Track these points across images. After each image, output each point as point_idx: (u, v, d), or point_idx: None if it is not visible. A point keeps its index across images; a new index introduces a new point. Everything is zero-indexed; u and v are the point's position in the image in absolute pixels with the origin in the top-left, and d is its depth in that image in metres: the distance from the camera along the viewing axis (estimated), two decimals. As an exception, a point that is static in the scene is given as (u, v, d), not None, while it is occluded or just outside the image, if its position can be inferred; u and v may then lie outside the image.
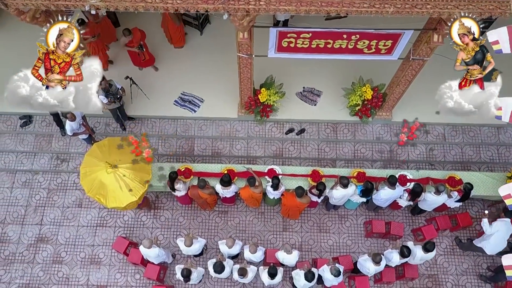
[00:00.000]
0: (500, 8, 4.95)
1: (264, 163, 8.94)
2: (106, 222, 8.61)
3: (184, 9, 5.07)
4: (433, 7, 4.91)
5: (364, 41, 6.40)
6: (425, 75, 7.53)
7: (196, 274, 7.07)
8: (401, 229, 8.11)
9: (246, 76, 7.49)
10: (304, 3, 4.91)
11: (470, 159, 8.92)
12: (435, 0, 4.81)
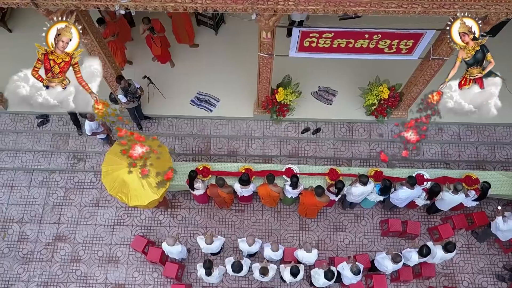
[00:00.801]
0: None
1: (279, 162, 8.99)
2: (123, 221, 8.65)
3: (213, 9, 5.11)
4: (461, 7, 4.94)
5: (386, 41, 6.44)
6: (443, 74, 7.55)
7: (218, 271, 7.11)
8: (417, 228, 8.15)
9: (265, 76, 7.53)
10: (333, 3, 4.95)
11: (485, 158, 8.96)
12: (463, 0, 4.85)
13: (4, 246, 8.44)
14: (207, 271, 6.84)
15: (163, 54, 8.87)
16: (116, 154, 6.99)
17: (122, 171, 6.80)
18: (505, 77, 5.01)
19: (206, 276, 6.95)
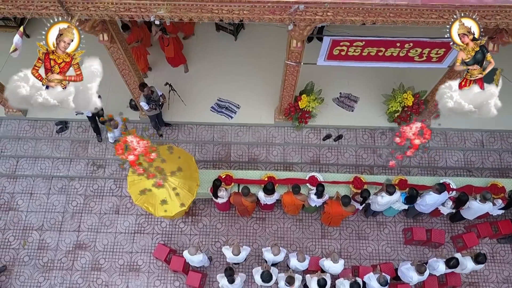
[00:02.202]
0: None
1: (300, 169, 8.91)
2: (143, 229, 8.58)
3: (249, 19, 5.04)
4: (503, 17, 4.86)
5: (417, 49, 6.36)
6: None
7: (240, 278, 7.04)
8: (442, 236, 8.06)
9: (290, 83, 7.45)
10: (372, 14, 4.87)
11: (509, 166, 8.87)
12: (506, 12, 4.77)
13: (24, 254, 8.37)
14: (229, 278, 6.77)
15: (176, 57, 8.79)
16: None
17: (148, 181, 6.74)
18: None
19: (228, 284, 6.88)
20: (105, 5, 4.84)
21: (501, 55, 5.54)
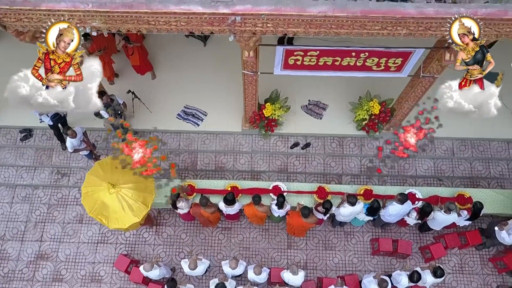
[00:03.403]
0: (517, 30, 4.78)
1: (268, 178, 8.77)
2: (107, 239, 8.44)
3: (188, 31, 4.90)
4: (448, 29, 4.71)
5: (373, 59, 6.22)
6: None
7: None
8: (409, 247, 7.92)
9: (251, 93, 7.31)
10: (314, 25, 4.73)
11: (479, 175, 8.73)
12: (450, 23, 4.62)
13: (-15, 264, 8.24)
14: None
15: (141, 65, 8.65)
16: (96, 174, 6.80)
17: (102, 193, 6.62)
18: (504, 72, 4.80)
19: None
20: (38, 17, 4.70)
21: (502, 56, 5.35)
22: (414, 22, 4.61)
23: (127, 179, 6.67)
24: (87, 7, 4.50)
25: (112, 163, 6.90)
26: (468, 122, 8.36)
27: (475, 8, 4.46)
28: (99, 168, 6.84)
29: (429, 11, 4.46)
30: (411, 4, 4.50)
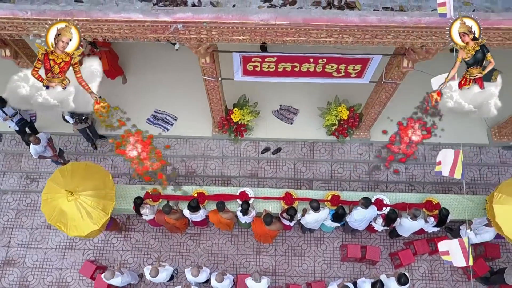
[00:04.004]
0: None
1: (239, 183, 8.70)
2: (75, 245, 8.37)
3: (133, 39, 4.84)
4: (394, 37, 4.66)
5: (332, 65, 6.16)
6: (406, 94, 7.34)
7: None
8: (377, 254, 7.86)
9: (215, 98, 7.26)
10: (259, 33, 4.66)
11: (451, 180, 8.64)
12: (396, 32, 4.56)
13: (-49, 271, 8.18)
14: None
15: (110, 69, 8.58)
16: (56, 181, 6.74)
17: (61, 200, 6.57)
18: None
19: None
20: (-21, 24, 4.64)
21: (503, 58, 5.34)
22: (359, 30, 4.54)
23: (86, 186, 6.61)
24: (26, 15, 4.44)
25: (74, 169, 6.87)
26: (439, 127, 8.43)
27: (419, 16, 4.40)
28: (59, 175, 6.78)
29: (372, 20, 4.40)
30: (354, 12, 4.43)
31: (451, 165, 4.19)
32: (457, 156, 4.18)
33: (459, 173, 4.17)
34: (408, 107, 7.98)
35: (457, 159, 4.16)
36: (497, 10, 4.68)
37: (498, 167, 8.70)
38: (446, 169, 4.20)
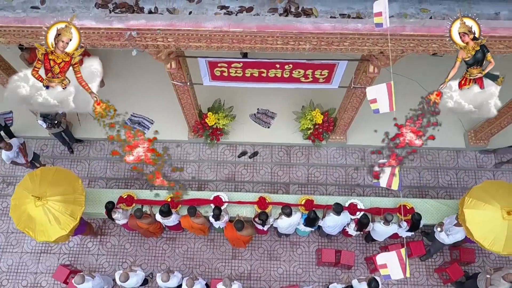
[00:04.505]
0: (421, 45, 4.70)
1: (216, 187, 8.69)
2: (50, 249, 8.36)
3: (90, 45, 4.82)
4: (351, 44, 4.64)
5: (299, 71, 6.14)
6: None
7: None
8: (351, 258, 7.83)
9: (187, 102, 7.24)
10: (215, 40, 4.64)
11: (427, 184, 8.65)
12: (352, 39, 4.54)
13: None
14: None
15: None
16: (25, 187, 6.73)
17: (29, 205, 6.55)
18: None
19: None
20: None
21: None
22: (314, 37, 4.52)
23: (54, 191, 6.60)
24: (-23, 22, 4.43)
25: (43, 175, 6.85)
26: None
27: (373, 24, 4.37)
28: (28, 180, 6.76)
29: (326, 27, 4.38)
30: (308, 19, 4.41)
31: (388, 100, 4.08)
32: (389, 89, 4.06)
33: (396, 184, 4.10)
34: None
35: (390, 92, 4.03)
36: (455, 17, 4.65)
37: (475, 171, 8.68)
38: (385, 105, 4.08)
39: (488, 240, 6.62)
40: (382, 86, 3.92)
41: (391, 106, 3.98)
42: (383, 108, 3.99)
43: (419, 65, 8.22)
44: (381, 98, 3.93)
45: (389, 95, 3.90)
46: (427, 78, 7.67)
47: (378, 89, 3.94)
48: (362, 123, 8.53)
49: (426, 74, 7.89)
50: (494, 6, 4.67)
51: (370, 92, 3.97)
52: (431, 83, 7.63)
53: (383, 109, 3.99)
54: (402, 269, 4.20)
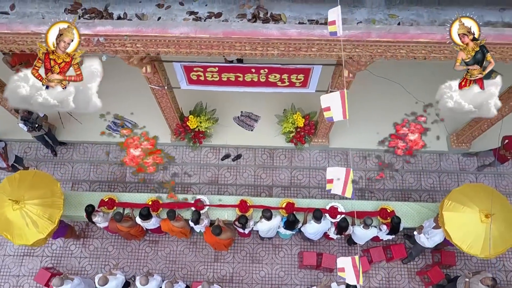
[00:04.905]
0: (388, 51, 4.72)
1: (199, 190, 8.70)
2: (33, 252, 8.37)
3: (60, 51, 4.83)
4: (319, 50, 4.65)
5: (275, 75, 6.15)
6: (365, 101, 7.36)
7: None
8: (333, 261, 7.84)
9: (167, 106, 7.26)
10: (183, 46, 4.66)
11: (410, 187, 8.66)
12: (319, 45, 4.56)
13: None
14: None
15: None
16: (3, 190, 6.73)
17: (6, 209, 6.56)
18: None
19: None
20: None
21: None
22: (282, 43, 4.54)
23: (32, 195, 6.61)
24: None
25: (22, 178, 6.87)
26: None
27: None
28: (7, 183, 6.77)
29: (292, 33, 4.39)
30: (274, 25, 4.43)
31: (342, 184, 4.14)
32: (347, 175, 4.14)
33: (350, 192, 4.12)
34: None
35: (347, 178, 4.12)
36: (423, 23, 4.67)
37: (458, 174, 8.69)
38: (339, 188, 4.15)
39: (466, 243, 6.63)
40: (336, 95, 3.94)
41: (345, 114, 4.00)
42: (336, 116, 4.00)
43: (403, 68, 8.25)
44: (335, 106, 3.95)
45: (342, 103, 3.92)
46: (411, 81, 7.75)
47: (332, 97, 3.96)
48: (344, 126, 8.50)
49: (410, 77, 7.93)
50: (462, 12, 4.67)
51: (324, 100, 3.98)
52: (415, 86, 7.78)
53: (336, 117, 4.01)
54: (356, 276, 4.21)
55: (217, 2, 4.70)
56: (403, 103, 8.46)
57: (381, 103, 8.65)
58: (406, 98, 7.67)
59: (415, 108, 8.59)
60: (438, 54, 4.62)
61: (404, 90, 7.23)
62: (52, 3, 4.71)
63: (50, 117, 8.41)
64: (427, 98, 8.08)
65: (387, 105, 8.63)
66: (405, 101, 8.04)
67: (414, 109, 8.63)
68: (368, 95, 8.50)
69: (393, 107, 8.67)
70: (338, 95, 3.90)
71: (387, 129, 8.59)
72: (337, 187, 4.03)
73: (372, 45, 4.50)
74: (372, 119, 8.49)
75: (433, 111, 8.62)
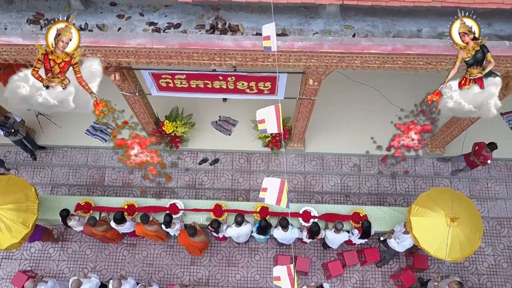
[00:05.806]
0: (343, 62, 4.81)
1: (176, 194, 8.80)
2: (12, 255, 8.47)
3: (23, 60, 4.94)
4: (275, 60, 4.75)
5: (243, 83, 6.25)
6: (340, 105, 7.46)
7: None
8: (306, 264, 7.97)
9: (140, 111, 7.35)
10: (142, 56, 4.75)
11: (385, 191, 8.75)
12: (274, 55, 4.65)
13: None
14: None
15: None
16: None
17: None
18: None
19: None
20: None
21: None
22: (238, 54, 4.64)
23: (6, 200, 6.71)
24: None
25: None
26: (375, 138, 8.51)
27: (292, 41, 4.49)
28: (-3, 184, 6.88)
29: (246, 44, 4.49)
30: (229, 36, 4.52)
31: (277, 195, 4.23)
32: (282, 186, 4.23)
33: (285, 202, 4.21)
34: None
35: (282, 189, 4.21)
36: (378, 34, 4.76)
37: (432, 178, 8.79)
38: (272, 198, 4.23)
39: (433, 247, 6.73)
40: (271, 109, 4.05)
41: (279, 127, 4.10)
42: (270, 129, 4.10)
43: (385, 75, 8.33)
44: (269, 119, 4.05)
45: (277, 117, 4.02)
46: (390, 88, 7.79)
47: (267, 111, 4.07)
48: (320, 131, 8.67)
49: (389, 84, 7.96)
50: (416, 23, 4.77)
51: (259, 114, 4.09)
52: (394, 93, 7.84)
53: (270, 129, 4.10)
54: (291, 284, 4.30)
55: (176, 13, 4.80)
56: (382, 108, 8.51)
57: (358, 108, 8.73)
58: (384, 103, 7.72)
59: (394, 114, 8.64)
60: (392, 65, 4.71)
61: (383, 96, 7.29)
62: (14, 14, 4.81)
63: (29, 121, 8.51)
64: (404, 104, 8.12)
65: (363, 110, 8.71)
66: (384, 106, 8.09)
67: (393, 115, 8.68)
68: (345, 101, 8.61)
69: (370, 112, 8.74)
70: (273, 109, 4.00)
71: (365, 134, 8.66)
72: (271, 197, 4.11)
73: (326, 55, 4.60)
74: (352, 125, 8.60)
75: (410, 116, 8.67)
